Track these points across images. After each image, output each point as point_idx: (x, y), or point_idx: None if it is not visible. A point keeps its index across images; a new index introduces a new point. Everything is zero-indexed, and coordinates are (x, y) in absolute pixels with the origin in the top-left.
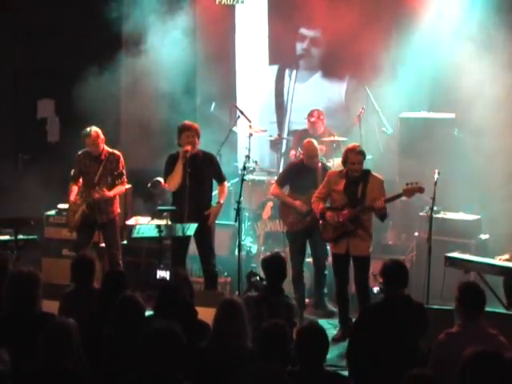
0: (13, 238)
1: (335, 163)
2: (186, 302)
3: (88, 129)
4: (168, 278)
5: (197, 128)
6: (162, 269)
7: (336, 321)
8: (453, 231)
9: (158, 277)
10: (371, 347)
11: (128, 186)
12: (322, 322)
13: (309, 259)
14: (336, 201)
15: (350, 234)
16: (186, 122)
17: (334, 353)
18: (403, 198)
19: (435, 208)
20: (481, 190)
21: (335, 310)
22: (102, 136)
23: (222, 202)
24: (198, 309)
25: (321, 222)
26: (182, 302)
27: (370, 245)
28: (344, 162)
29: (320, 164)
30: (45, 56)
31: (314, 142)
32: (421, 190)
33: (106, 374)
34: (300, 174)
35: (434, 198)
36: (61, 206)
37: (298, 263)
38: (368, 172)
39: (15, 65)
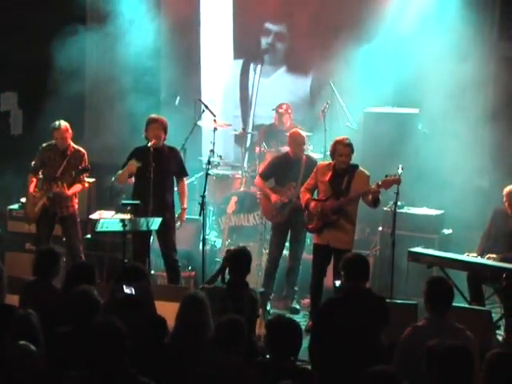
0: None
1: None
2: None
3: (57, 122)
4: (133, 293)
5: (163, 121)
6: (127, 285)
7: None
8: (416, 226)
9: (124, 292)
10: (332, 341)
11: (91, 180)
12: None
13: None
14: (322, 191)
15: (332, 225)
16: (153, 115)
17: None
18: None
19: (399, 203)
20: (444, 184)
21: (299, 307)
22: (70, 131)
23: (185, 206)
24: (161, 303)
25: (306, 212)
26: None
27: (352, 239)
28: (332, 155)
29: (305, 157)
30: (7, 48)
31: (301, 132)
32: (398, 181)
33: (60, 372)
34: (284, 167)
35: (397, 193)
36: (24, 199)
37: (276, 256)
38: (355, 166)
39: None
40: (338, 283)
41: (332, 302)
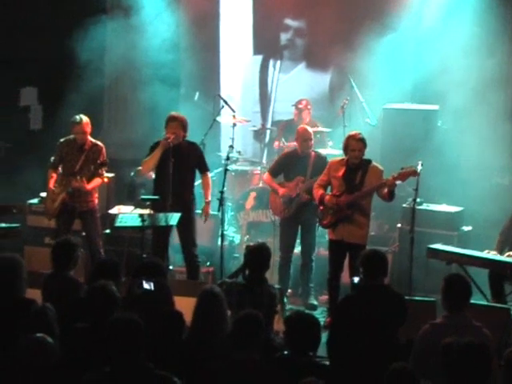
0: None
1: None
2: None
3: (78, 116)
4: (152, 289)
5: (182, 119)
6: (146, 280)
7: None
8: (436, 223)
9: (144, 288)
10: (350, 337)
11: (111, 174)
12: None
13: (297, 249)
14: (335, 187)
15: (347, 220)
16: (173, 113)
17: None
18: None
19: (418, 199)
20: (464, 181)
21: (316, 303)
22: (90, 125)
23: (209, 199)
24: (179, 298)
25: (320, 208)
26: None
27: (366, 233)
28: (345, 149)
29: (313, 153)
30: (26, 43)
31: (308, 127)
32: (414, 172)
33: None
34: (292, 163)
35: (416, 190)
36: (43, 194)
37: (287, 252)
38: (369, 161)
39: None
40: (356, 280)
41: (350, 298)
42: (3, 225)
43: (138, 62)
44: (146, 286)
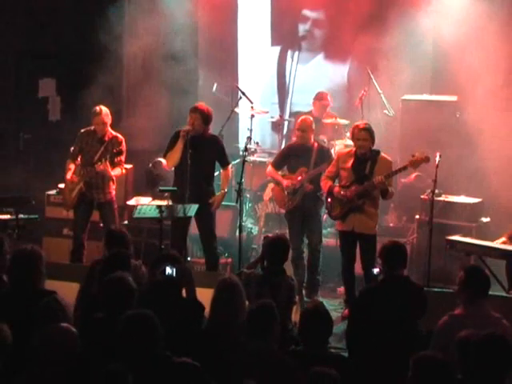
0: (14, 217)
1: (337, 146)
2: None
3: (97, 107)
4: (174, 275)
5: (203, 111)
6: (169, 266)
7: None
8: (454, 214)
9: (166, 273)
10: (369, 328)
11: (129, 165)
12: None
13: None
14: (344, 178)
15: (357, 210)
16: (198, 103)
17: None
18: (404, 180)
19: (436, 191)
20: (483, 172)
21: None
22: (109, 116)
23: (225, 190)
24: (199, 290)
25: (329, 200)
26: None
27: (375, 223)
28: (352, 140)
29: (317, 144)
30: (45, 34)
31: (309, 117)
32: (426, 159)
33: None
34: (295, 155)
35: (435, 181)
36: (62, 185)
37: (297, 244)
38: (378, 152)
39: (17, 44)
40: (375, 271)
41: (369, 290)
42: (22, 216)
43: (157, 54)
44: (168, 271)
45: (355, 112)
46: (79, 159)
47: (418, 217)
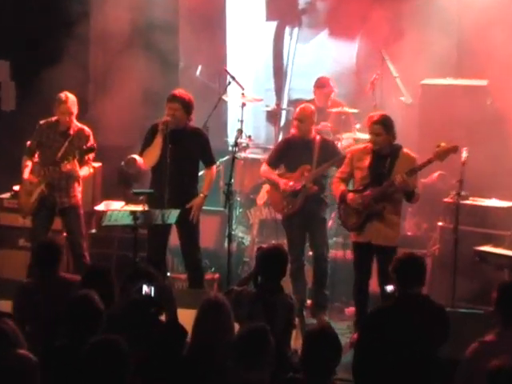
0: None
1: (344, 140)
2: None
3: (63, 94)
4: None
5: (185, 99)
6: (146, 283)
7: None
8: (484, 220)
9: (143, 292)
10: (381, 357)
11: (97, 164)
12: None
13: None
14: (358, 180)
15: (376, 217)
16: (175, 91)
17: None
18: (425, 181)
19: (463, 193)
20: None
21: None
22: (76, 105)
23: (206, 193)
24: (181, 311)
25: (341, 206)
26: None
27: (397, 234)
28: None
29: (319, 137)
30: None
31: (310, 106)
32: (454, 148)
33: None
34: (294, 150)
35: (461, 182)
36: (17, 187)
37: (298, 255)
38: (399, 147)
39: None
40: (389, 289)
41: (381, 310)
42: None
43: (129, 29)
44: (145, 289)
45: (366, 99)
46: (37, 156)
47: (440, 224)
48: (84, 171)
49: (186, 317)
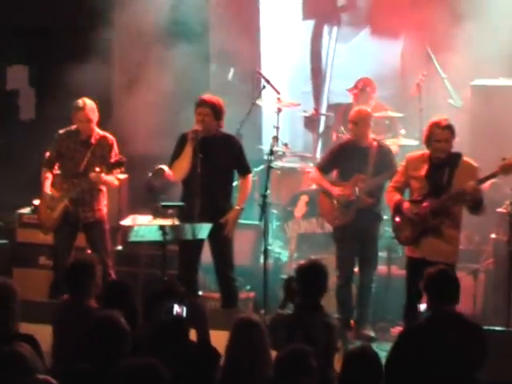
0: None
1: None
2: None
3: (80, 101)
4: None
5: (215, 104)
6: (177, 303)
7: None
8: None
9: (173, 312)
10: (414, 378)
11: (123, 176)
12: None
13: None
14: (415, 190)
15: (432, 232)
16: (205, 95)
17: None
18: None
19: None
20: None
21: (374, 335)
22: (96, 113)
23: (241, 206)
24: (213, 332)
25: (397, 219)
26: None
27: (456, 249)
28: (427, 141)
29: (376, 143)
30: (16, 9)
31: (366, 108)
32: None
33: None
34: (349, 157)
35: None
36: (37, 201)
37: (347, 270)
38: (458, 155)
39: None
40: (422, 307)
41: (412, 331)
42: None
43: (158, 33)
44: (177, 310)
45: (411, 102)
46: (57, 168)
47: (493, 236)
48: (110, 178)
49: (219, 338)
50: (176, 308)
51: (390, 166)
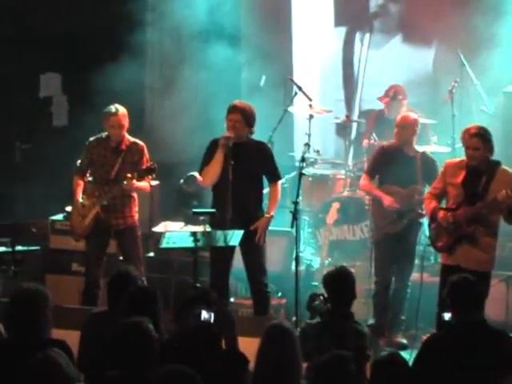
0: (9, 249)
1: None
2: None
3: (113, 106)
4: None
5: (247, 110)
6: (205, 309)
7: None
8: None
9: (201, 318)
10: None
11: (154, 182)
12: None
13: None
14: (452, 197)
15: (467, 240)
16: (236, 102)
17: None
18: None
19: None
20: None
21: (406, 342)
22: (127, 119)
23: (272, 213)
24: (245, 339)
25: (432, 225)
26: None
27: (491, 257)
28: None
29: (419, 153)
30: (49, 18)
31: (413, 114)
32: None
33: None
34: (393, 161)
35: None
36: (70, 208)
37: (384, 275)
38: (497, 163)
39: (10, 29)
40: (447, 316)
41: (436, 339)
42: (20, 248)
43: (188, 41)
44: (204, 315)
45: (444, 109)
46: (89, 175)
47: None
48: (142, 183)
49: (250, 346)
50: (203, 314)
51: (436, 175)
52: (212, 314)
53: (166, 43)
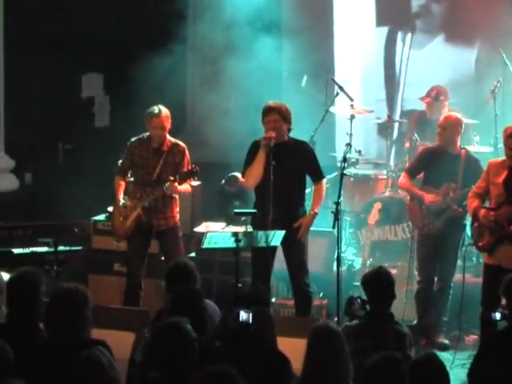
0: (52, 249)
1: None
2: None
3: (156, 107)
4: (250, 321)
5: (283, 109)
6: (245, 310)
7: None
8: None
9: (240, 319)
10: None
11: (196, 183)
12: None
13: None
14: (494, 197)
15: (509, 240)
16: (271, 102)
17: None
18: None
19: None
20: None
21: (448, 342)
22: (170, 120)
23: (316, 211)
24: (286, 340)
25: (475, 224)
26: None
27: None
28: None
29: (464, 152)
30: (89, 19)
31: (456, 114)
32: None
33: None
34: (437, 161)
35: None
36: (112, 208)
37: (428, 275)
38: None
39: (52, 31)
40: (497, 316)
41: (493, 339)
42: (62, 248)
43: (230, 42)
44: (243, 316)
45: (486, 109)
46: (130, 176)
47: None
48: (184, 186)
49: (292, 346)
50: (242, 314)
51: (479, 174)
52: (251, 314)
53: (207, 44)
